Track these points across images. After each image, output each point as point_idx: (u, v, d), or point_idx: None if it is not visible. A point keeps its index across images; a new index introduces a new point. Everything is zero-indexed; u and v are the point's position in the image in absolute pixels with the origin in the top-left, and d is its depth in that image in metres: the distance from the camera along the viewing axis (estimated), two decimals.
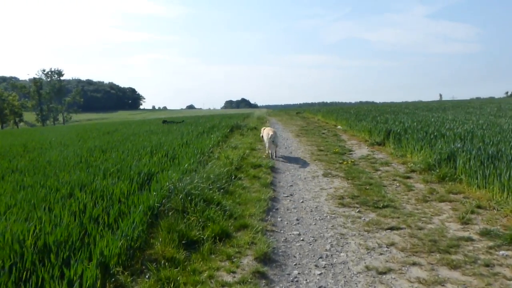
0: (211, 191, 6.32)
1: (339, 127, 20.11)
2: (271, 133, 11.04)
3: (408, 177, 8.42)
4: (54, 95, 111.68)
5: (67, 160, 8.93)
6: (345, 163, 10.15)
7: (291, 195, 7.39)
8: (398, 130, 12.23)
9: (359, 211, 6.27)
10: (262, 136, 11.99)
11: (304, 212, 6.35)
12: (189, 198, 5.65)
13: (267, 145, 11.29)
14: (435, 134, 10.89)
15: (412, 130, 11.82)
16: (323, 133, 17.61)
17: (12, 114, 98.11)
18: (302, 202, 6.91)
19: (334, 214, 6.19)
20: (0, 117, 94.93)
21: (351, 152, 11.99)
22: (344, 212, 6.28)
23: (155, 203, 5.29)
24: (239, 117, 29.23)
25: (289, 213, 6.30)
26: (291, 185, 8.12)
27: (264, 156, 11.05)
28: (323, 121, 25.79)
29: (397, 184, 7.93)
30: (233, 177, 8.01)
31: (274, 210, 6.41)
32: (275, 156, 11.17)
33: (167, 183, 6.05)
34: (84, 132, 18.05)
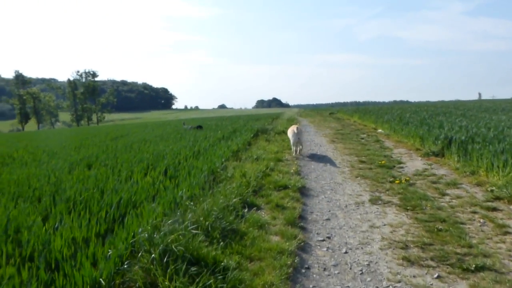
0: (206, 242, 4.17)
1: (380, 130, 17.56)
2: (295, 130, 11.12)
3: (494, 209, 5.99)
4: (88, 95, 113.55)
5: (26, 181, 6.91)
6: (397, 182, 7.78)
7: (328, 237, 5.14)
8: (463, 138, 9.68)
9: (438, 277, 3.97)
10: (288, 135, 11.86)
11: (350, 275, 4.10)
12: (167, 258, 3.53)
13: (291, 141, 11.29)
14: None
15: (482, 139, 9.26)
16: (362, 138, 15.16)
17: (48, 114, 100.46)
18: (346, 253, 4.65)
19: (399, 282, 3.92)
20: (37, 117, 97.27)
21: (401, 165, 9.57)
22: (414, 277, 3.99)
23: (107, 273, 3.19)
24: (267, 119, 27.02)
25: (327, 278, 4.06)
26: (328, 219, 5.87)
27: (292, 171, 8.83)
28: (361, 123, 23.19)
29: (481, 220, 5.54)
30: (246, 209, 5.83)
31: (303, 271, 4.19)
32: (299, 154, 11.21)
33: (140, 228, 3.96)
34: (93, 137, 16.38)
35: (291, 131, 11.38)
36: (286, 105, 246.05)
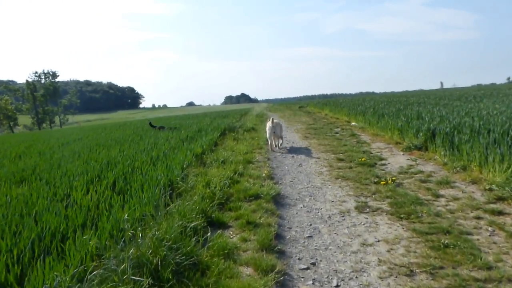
0: None
1: (353, 123, 16.79)
2: (270, 124, 10.75)
3: (500, 213, 5.15)
4: (49, 97, 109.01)
5: None
6: (382, 182, 6.87)
7: (312, 264, 4.11)
8: (447, 130, 8.90)
9: None
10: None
11: None
12: None
13: (267, 135, 11.00)
14: None
15: (470, 129, 8.50)
16: (337, 133, 14.30)
17: (5, 118, 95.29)
18: (337, 286, 3.64)
19: None
20: None
21: (383, 162, 8.70)
22: None
23: None
24: (236, 115, 25.82)
25: None
26: (310, 236, 4.84)
27: (264, 175, 7.78)
28: (332, 116, 22.42)
29: (489, 228, 4.68)
30: (209, 232, 4.71)
31: None
32: (278, 148, 11.07)
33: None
34: (42, 143, 14.62)
35: (267, 125, 11.03)
36: (255, 100, 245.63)
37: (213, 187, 6.15)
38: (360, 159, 8.88)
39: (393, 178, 7.05)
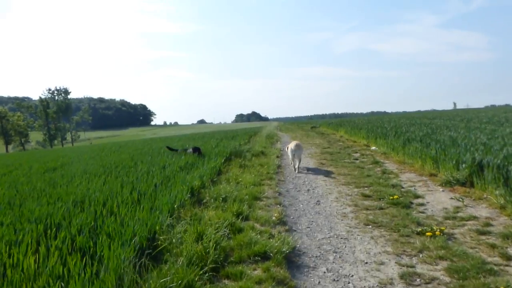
0: None
1: (374, 148, 15.18)
2: (292, 146, 11.16)
3: None
4: (62, 114, 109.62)
5: None
6: (428, 233, 5.28)
7: None
8: (498, 162, 7.28)
9: None
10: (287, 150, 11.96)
11: None
12: None
13: (290, 157, 11.53)
14: None
15: None
16: (357, 159, 12.71)
17: (17, 134, 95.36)
18: None
19: None
20: (5, 138, 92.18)
21: (420, 201, 7.10)
22: None
23: None
24: (244, 136, 24.27)
25: None
26: None
27: (274, 218, 6.22)
28: (349, 139, 20.81)
29: None
30: None
31: None
32: (297, 170, 11.11)
33: None
34: (24, 166, 13.25)
35: (289, 147, 11.50)
36: (265, 119, 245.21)
37: (207, 242, 4.61)
38: (391, 197, 7.28)
39: (441, 228, 5.44)
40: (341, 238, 5.48)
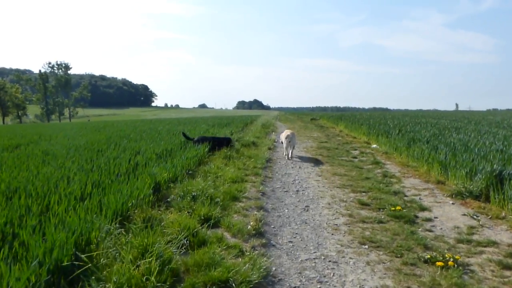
0: None
1: (374, 146, 14.04)
2: (288, 133, 11.38)
3: None
4: (61, 89, 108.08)
5: None
6: (438, 263, 4.16)
7: None
8: None
9: None
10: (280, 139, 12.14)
11: None
12: None
13: (284, 145, 11.55)
14: None
15: None
16: (355, 157, 11.57)
17: (14, 107, 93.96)
18: None
19: None
20: (2, 109, 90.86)
21: (428, 216, 5.97)
22: None
23: None
24: (239, 123, 23.08)
25: None
26: None
27: (250, 227, 5.09)
28: (348, 134, 19.64)
29: None
30: None
31: None
32: (290, 157, 11.35)
33: None
34: None
35: (284, 136, 11.57)
36: (267, 107, 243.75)
37: (150, 260, 3.49)
38: (393, 207, 6.16)
39: (456, 257, 4.32)
40: (330, 261, 4.36)
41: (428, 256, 4.35)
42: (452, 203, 6.64)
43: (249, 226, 5.08)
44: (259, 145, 13.28)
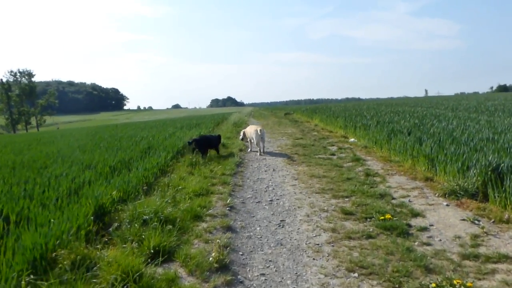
0: None
1: (352, 140, 13.26)
2: (259, 129, 11.22)
3: None
4: (25, 97, 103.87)
5: None
6: None
7: None
8: None
9: None
10: (243, 134, 12.09)
11: None
12: None
13: (254, 141, 11.40)
14: None
15: None
16: (333, 154, 10.71)
17: None
18: None
19: None
20: None
21: (422, 224, 5.13)
22: None
23: None
24: (210, 123, 21.95)
25: None
26: None
27: (212, 259, 4.09)
28: (324, 128, 18.84)
29: None
30: None
31: None
32: (263, 152, 11.30)
33: None
34: None
35: (254, 132, 11.39)
36: (241, 104, 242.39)
37: None
38: (381, 216, 5.28)
39: (468, 285, 3.46)
40: None
41: (434, 285, 3.48)
42: (447, 205, 5.83)
43: (210, 258, 4.08)
44: (229, 146, 12.27)
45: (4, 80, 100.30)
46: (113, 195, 5.58)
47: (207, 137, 10.79)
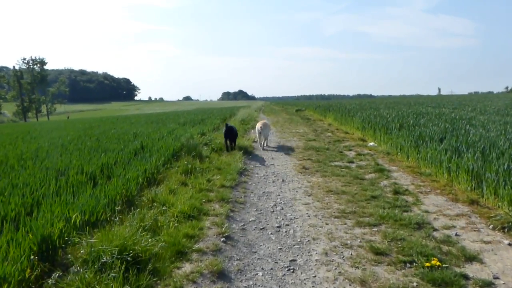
0: None
1: (371, 144, 11.84)
2: (259, 125, 11.68)
3: None
4: (36, 85, 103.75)
5: None
6: None
7: None
8: None
9: None
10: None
11: None
12: None
13: (257, 135, 11.97)
14: None
15: None
16: (352, 162, 9.31)
17: None
18: None
19: None
20: None
21: (480, 273, 3.76)
22: None
23: None
24: (216, 119, 20.64)
25: None
26: None
27: None
28: (339, 128, 17.37)
29: None
30: None
31: None
32: (265, 146, 11.85)
33: None
34: None
35: (256, 126, 12.04)
36: (252, 97, 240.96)
37: None
38: (427, 262, 3.92)
39: None
40: None
41: None
42: (509, 244, 4.44)
43: None
44: (234, 148, 10.93)
45: (17, 67, 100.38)
46: (75, 218, 4.28)
47: (233, 128, 11.16)
